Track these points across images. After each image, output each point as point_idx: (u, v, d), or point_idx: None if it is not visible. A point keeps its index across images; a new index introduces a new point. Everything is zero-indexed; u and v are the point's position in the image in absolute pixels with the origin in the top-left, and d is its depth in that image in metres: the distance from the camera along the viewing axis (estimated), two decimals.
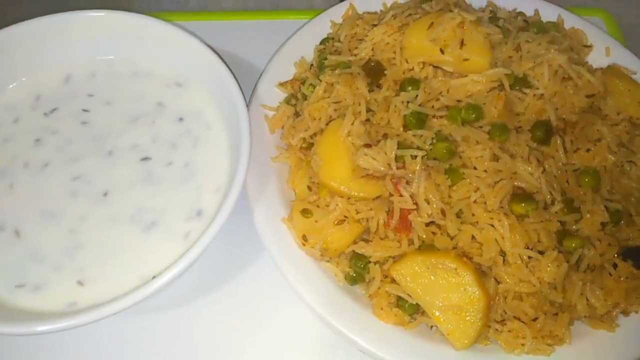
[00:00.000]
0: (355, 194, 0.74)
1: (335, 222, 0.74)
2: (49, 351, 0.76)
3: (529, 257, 0.69)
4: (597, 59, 0.94)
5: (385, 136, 0.76)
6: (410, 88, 0.79)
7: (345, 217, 0.74)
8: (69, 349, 0.76)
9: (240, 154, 0.73)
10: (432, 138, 0.74)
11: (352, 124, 0.75)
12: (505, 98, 0.76)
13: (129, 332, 0.78)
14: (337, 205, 0.74)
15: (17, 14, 0.85)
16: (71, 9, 0.84)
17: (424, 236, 0.72)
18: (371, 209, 0.74)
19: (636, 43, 1.12)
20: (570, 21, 0.97)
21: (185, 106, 0.85)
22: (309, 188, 0.80)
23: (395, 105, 0.77)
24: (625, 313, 0.73)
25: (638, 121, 0.83)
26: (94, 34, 0.85)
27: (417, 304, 0.70)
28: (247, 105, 0.77)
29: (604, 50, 0.94)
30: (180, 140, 0.81)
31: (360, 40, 0.88)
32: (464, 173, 0.72)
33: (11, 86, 0.85)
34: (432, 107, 0.78)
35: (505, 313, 0.71)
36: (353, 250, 0.74)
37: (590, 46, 0.95)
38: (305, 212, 0.75)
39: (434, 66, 0.81)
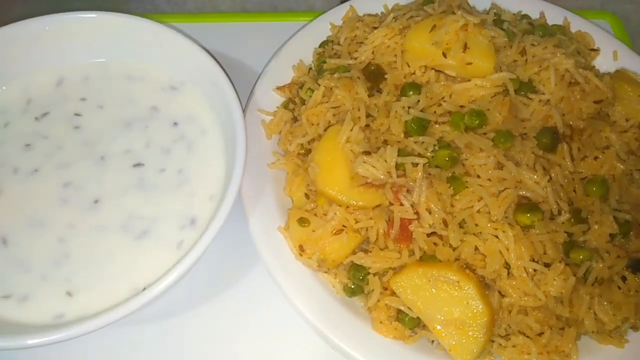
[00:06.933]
0: (354, 202, 0.72)
1: (333, 232, 0.72)
2: None
3: (535, 270, 0.68)
4: (604, 63, 0.92)
5: (385, 143, 0.75)
6: (411, 93, 0.77)
7: (344, 226, 0.73)
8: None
9: (235, 160, 0.71)
10: (434, 145, 0.73)
11: (351, 130, 0.74)
12: (510, 103, 0.75)
13: (119, 343, 0.76)
14: (335, 214, 0.73)
15: (7, 15, 0.83)
16: (64, 10, 0.83)
17: (425, 247, 0.70)
18: (370, 218, 0.72)
19: None
20: (577, 24, 0.96)
21: (179, 110, 0.83)
22: (307, 196, 0.78)
23: (396, 111, 0.76)
24: (635, 328, 0.71)
25: None
26: (86, 36, 0.84)
27: (417, 317, 0.69)
28: (244, 110, 0.76)
29: (611, 54, 0.93)
30: (174, 146, 0.80)
31: (360, 43, 0.87)
32: (467, 181, 0.71)
33: (2, 89, 0.83)
34: (434, 112, 0.77)
35: (510, 327, 0.69)
36: (352, 261, 0.73)
37: (597, 50, 0.93)
38: (303, 221, 0.74)
39: (436, 70, 0.80)
